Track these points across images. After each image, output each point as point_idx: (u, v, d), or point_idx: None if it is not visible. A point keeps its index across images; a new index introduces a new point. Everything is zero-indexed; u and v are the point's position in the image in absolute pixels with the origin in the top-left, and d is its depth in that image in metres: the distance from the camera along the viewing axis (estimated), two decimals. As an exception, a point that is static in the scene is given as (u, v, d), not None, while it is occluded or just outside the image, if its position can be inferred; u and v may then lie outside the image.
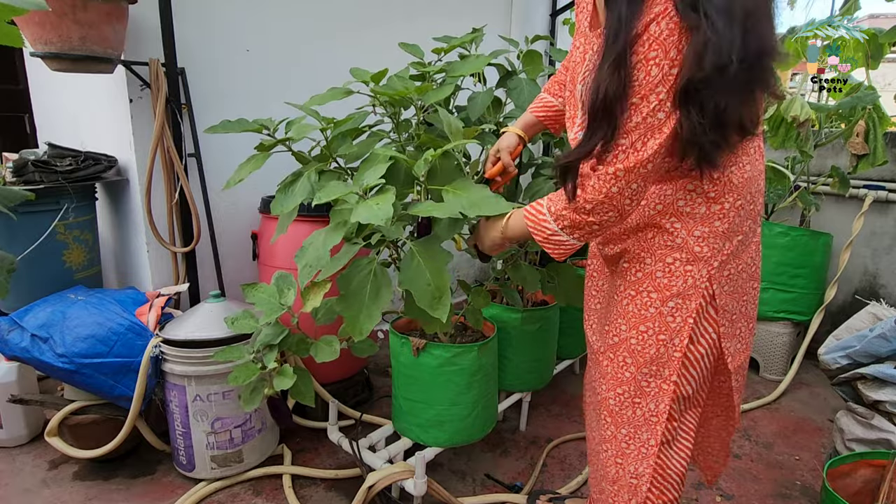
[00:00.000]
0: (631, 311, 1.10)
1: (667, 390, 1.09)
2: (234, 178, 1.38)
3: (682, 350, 1.07)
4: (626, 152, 0.91)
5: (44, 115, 2.90)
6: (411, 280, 1.23)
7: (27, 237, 1.91)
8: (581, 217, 0.99)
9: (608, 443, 1.18)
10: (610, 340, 1.15)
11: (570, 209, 1.00)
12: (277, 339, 1.45)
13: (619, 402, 1.14)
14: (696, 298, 1.05)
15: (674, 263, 1.05)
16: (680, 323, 1.06)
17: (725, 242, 1.04)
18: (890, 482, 1.44)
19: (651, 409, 1.11)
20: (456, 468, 1.84)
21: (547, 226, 1.04)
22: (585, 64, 1.04)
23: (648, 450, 1.13)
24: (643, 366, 1.10)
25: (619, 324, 1.13)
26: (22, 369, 1.85)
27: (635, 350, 1.10)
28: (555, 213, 1.03)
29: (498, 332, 1.72)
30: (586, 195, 0.96)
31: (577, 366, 2.54)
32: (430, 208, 1.16)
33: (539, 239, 1.07)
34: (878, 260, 2.71)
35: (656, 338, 1.08)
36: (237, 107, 2.16)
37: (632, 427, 1.14)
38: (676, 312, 1.06)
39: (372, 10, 2.58)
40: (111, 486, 1.70)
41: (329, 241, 1.24)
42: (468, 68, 1.59)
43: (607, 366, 1.16)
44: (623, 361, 1.12)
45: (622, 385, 1.13)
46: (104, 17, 1.67)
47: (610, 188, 0.93)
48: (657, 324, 1.07)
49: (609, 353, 1.15)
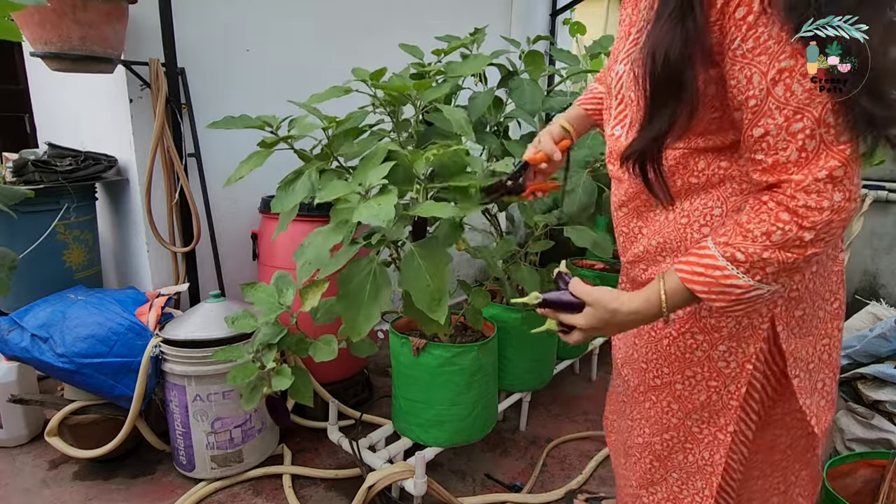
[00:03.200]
0: (673, 354, 0.94)
1: (723, 440, 0.94)
2: (235, 175, 1.38)
3: (738, 398, 0.91)
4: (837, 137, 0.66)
5: (44, 115, 2.90)
6: (411, 281, 1.23)
7: (27, 237, 1.91)
8: (795, 254, 0.70)
9: (658, 485, 1.05)
10: (651, 382, 1.00)
11: (774, 247, 0.70)
12: (276, 339, 1.45)
13: (666, 447, 1.01)
14: (756, 342, 0.87)
15: None
16: (736, 369, 0.90)
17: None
18: (890, 482, 1.44)
19: (705, 457, 0.97)
20: (456, 468, 1.84)
21: (736, 283, 0.73)
22: (629, 41, 0.85)
23: (703, 500, 0.99)
24: (692, 412, 0.96)
25: (660, 365, 0.97)
26: (22, 369, 1.85)
27: (682, 396, 0.96)
28: (747, 262, 0.72)
29: (498, 332, 1.72)
30: (801, 220, 0.68)
31: (577, 366, 2.54)
32: (430, 209, 1.15)
33: (722, 304, 0.76)
34: (878, 260, 2.71)
35: (706, 384, 0.93)
36: (237, 107, 2.15)
37: (683, 472, 1.01)
38: (730, 357, 0.89)
39: (372, 11, 2.58)
40: (111, 486, 1.70)
41: (329, 240, 1.24)
42: (468, 68, 1.59)
43: (650, 408, 1.02)
44: (668, 406, 0.98)
45: (669, 431, 1.00)
46: (104, 17, 1.67)
47: (832, 197, 0.67)
48: (706, 369, 0.92)
49: (651, 396, 1.01)
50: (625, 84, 0.85)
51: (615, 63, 0.89)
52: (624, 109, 0.89)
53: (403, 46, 1.72)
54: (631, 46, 0.84)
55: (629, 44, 0.85)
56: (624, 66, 0.85)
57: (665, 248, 0.90)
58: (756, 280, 0.73)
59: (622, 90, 0.87)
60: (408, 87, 1.40)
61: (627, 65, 0.83)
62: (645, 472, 1.07)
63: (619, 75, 0.87)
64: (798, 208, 0.68)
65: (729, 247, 0.74)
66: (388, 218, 1.04)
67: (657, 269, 0.92)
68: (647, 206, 0.92)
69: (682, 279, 0.77)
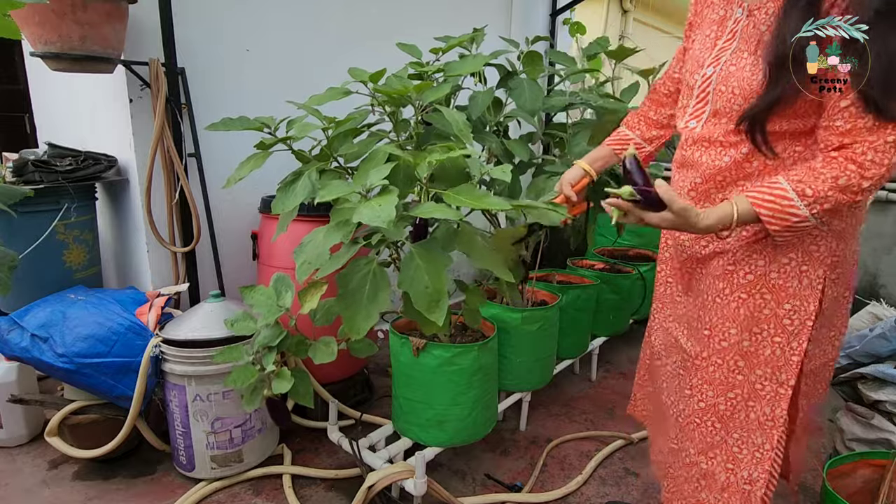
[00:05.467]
0: (743, 314, 1.07)
1: (784, 395, 1.06)
2: (235, 176, 1.39)
3: (800, 353, 1.04)
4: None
5: (44, 115, 2.90)
6: (410, 282, 1.23)
7: (27, 237, 1.91)
8: (849, 197, 0.91)
9: (717, 448, 1.14)
10: (717, 345, 1.11)
11: (837, 189, 0.90)
12: (276, 341, 1.45)
13: (730, 406, 1.11)
14: (814, 300, 1.03)
15: (790, 264, 1.03)
16: (798, 326, 1.04)
17: (839, 242, 1.02)
18: (890, 482, 1.44)
19: (766, 413, 1.08)
20: (456, 468, 1.84)
21: (796, 212, 0.93)
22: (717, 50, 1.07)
23: (764, 454, 1.09)
24: (757, 367, 1.07)
25: (726, 327, 1.09)
26: (22, 369, 1.85)
27: (748, 352, 1.08)
28: (813, 196, 0.91)
29: (498, 332, 1.72)
30: (864, 171, 0.89)
31: (577, 366, 2.54)
32: (431, 209, 1.15)
33: (776, 227, 0.95)
34: (878, 260, 2.71)
35: (771, 340, 1.06)
36: (237, 107, 2.16)
37: (744, 431, 1.11)
38: (794, 315, 1.03)
39: (371, 11, 2.58)
40: (111, 486, 1.70)
41: (329, 240, 1.24)
42: (467, 68, 1.59)
43: (714, 371, 1.12)
44: (735, 365, 1.09)
45: (734, 389, 1.10)
46: (104, 17, 1.68)
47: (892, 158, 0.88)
48: (772, 325, 1.05)
49: (716, 358, 1.12)
50: (713, 81, 1.05)
51: (701, 68, 1.09)
52: (703, 106, 1.09)
53: (401, 45, 1.72)
54: (719, 53, 1.06)
55: (717, 51, 1.07)
56: (713, 69, 1.06)
57: None
58: (812, 213, 0.92)
59: (707, 87, 1.07)
60: (407, 89, 1.40)
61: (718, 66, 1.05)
62: (705, 436, 1.16)
63: (707, 77, 1.07)
64: (865, 162, 0.89)
65: (801, 183, 0.92)
66: (388, 218, 1.05)
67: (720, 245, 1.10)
68: (719, 188, 1.08)
69: (752, 203, 0.96)
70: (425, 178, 1.25)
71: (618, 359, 2.75)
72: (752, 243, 1.05)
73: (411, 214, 1.21)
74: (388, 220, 1.04)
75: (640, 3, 6.21)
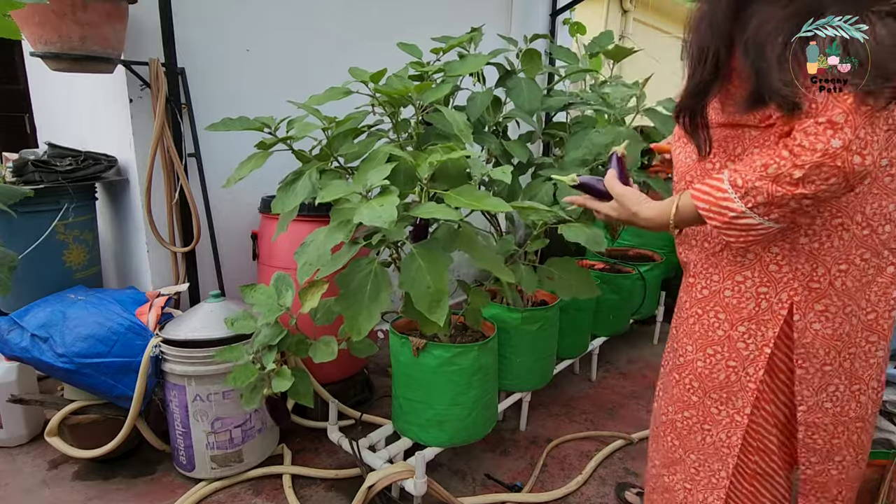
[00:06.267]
0: (697, 332, 1.02)
1: (740, 423, 1.00)
2: (235, 176, 1.39)
3: (756, 381, 0.96)
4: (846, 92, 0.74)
5: (44, 115, 2.90)
6: (411, 282, 1.23)
7: (27, 237, 1.91)
8: (785, 189, 0.78)
9: (677, 465, 1.11)
10: (677, 360, 1.08)
11: (767, 179, 0.79)
12: (276, 340, 1.45)
13: (686, 426, 1.08)
14: (774, 326, 0.93)
15: (745, 283, 0.95)
16: (754, 351, 0.96)
17: (817, 267, 0.89)
18: (890, 482, 1.44)
19: (723, 439, 1.02)
20: (456, 468, 1.84)
21: (730, 206, 0.84)
22: None
23: (719, 481, 1.04)
24: (711, 391, 1.02)
25: (684, 343, 1.05)
26: (22, 369, 1.85)
27: (702, 374, 1.02)
28: (743, 186, 0.82)
29: (498, 332, 1.72)
30: (796, 158, 0.77)
31: (577, 366, 2.54)
32: (431, 210, 1.15)
33: (717, 224, 0.86)
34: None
35: (725, 364, 0.99)
36: (237, 106, 2.16)
37: (701, 454, 1.07)
38: (749, 339, 0.96)
39: (371, 11, 2.58)
40: (111, 486, 1.70)
41: (330, 240, 1.24)
42: (466, 68, 1.59)
43: (673, 387, 1.09)
44: (690, 384, 1.05)
45: (689, 409, 1.06)
46: (104, 17, 1.67)
47: (827, 141, 0.74)
48: (726, 348, 0.98)
49: (675, 374, 1.08)
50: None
51: None
52: None
53: (401, 45, 1.72)
54: None
55: None
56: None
57: (697, 233, 1.03)
58: (748, 206, 0.82)
59: None
60: (408, 89, 1.40)
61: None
62: (667, 451, 1.13)
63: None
64: (794, 147, 0.77)
65: (735, 173, 0.84)
66: (389, 219, 1.05)
67: (688, 254, 1.06)
68: (689, 188, 1.02)
69: (691, 195, 0.90)
70: (426, 179, 1.25)
71: (618, 359, 2.75)
72: (711, 255, 0.99)
73: (412, 215, 1.21)
74: (389, 220, 1.04)
75: (640, 3, 6.21)
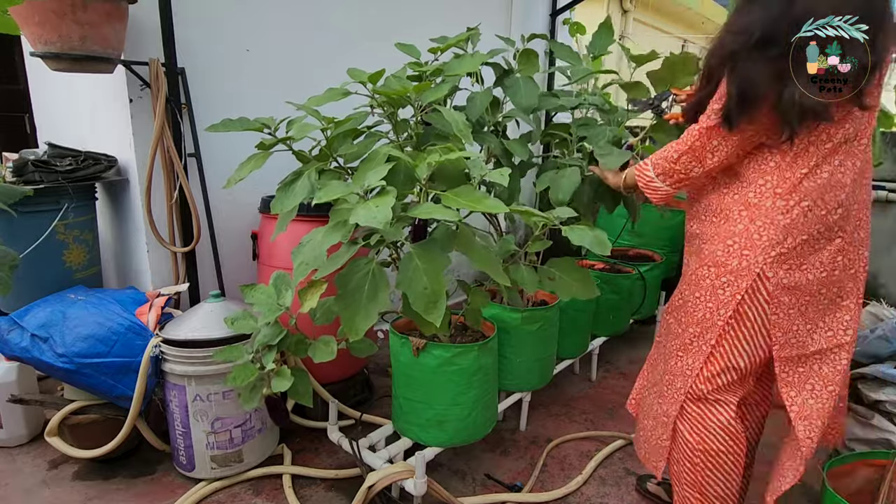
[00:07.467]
0: (693, 280, 1.31)
1: (704, 351, 1.29)
2: (235, 176, 1.39)
3: (724, 320, 1.24)
4: (711, 116, 1.17)
5: (44, 115, 2.90)
6: (408, 283, 1.23)
7: (27, 237, 1.91)
8: (669, 165, 1.26)
9: (657, 386, 1.43)
10: (676, 303, 1.38)
11: (662, 157, 1.28)
12: (276, 340, 1.45)
13: (671, 354, 1.38)
14: (748, 279, 1.20)
15: (733, 245, 1.22)
16: (728, 297, 1.23)
17: (787, 237, 1.17)
18: (890, 482, 1.44)
19: (688, 363, 1.32)
20: (456, 468, 1.84)
21: (647, 172, 1.33)
22: None
23: (677, 396, 1.35)
24: (691, 325, 1.31)
25: (683, 289, 1.35)
26: (22, 369, 1.85)
27: (689, 311, 1.32)
28: (653, 161, 1.31)
29: (498, 332, 1.72)
30: (676, 145, 1.24)
31: (577, 366, 2.54)
32: (430, 210, 1.15)
33: (641, 184, 1.36)
34: (878, 260, 2.71)
35: (705, 304, 1.28)
36: (237, 107, 2.16)
37: (672, 375, 1.37)
38: (727, 287, 1.23)
39: (370, 11, 2.58)
40: (111, 486, 1.70)
41: (327, 240, 1.24)
42: (464, 67, 1.59)
43: (672, 322, 1.39)
44: (680, 320, 1.35)
45: (677, 339, 1.36)
46: (104, 17, 1.68)
47: (693, 142, 1.20)
48: (708, 293, 1.27)
49: (675, 314, 1.39)
50: None
51: None
52: None
53: (399, 45, 1.72)
54: None
55: None
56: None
57: (706, 210, 1.31)
58: (655, 174, 1.32)
59: None
60: (406, 89, 1.40)
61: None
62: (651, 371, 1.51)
63: None
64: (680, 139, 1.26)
65: (654, 154, 1.33)
66: (384, 220, 1.05)
67: (698, 229, 1.35)
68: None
69: (634, 166, 1.42)
70: (425, 179, 1.25)
71: (618, 359, 2.75)
72: (713, 226, 1.29)
73: (410, 215, 1.21)
74: (384, 221, 1.04)
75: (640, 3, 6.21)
